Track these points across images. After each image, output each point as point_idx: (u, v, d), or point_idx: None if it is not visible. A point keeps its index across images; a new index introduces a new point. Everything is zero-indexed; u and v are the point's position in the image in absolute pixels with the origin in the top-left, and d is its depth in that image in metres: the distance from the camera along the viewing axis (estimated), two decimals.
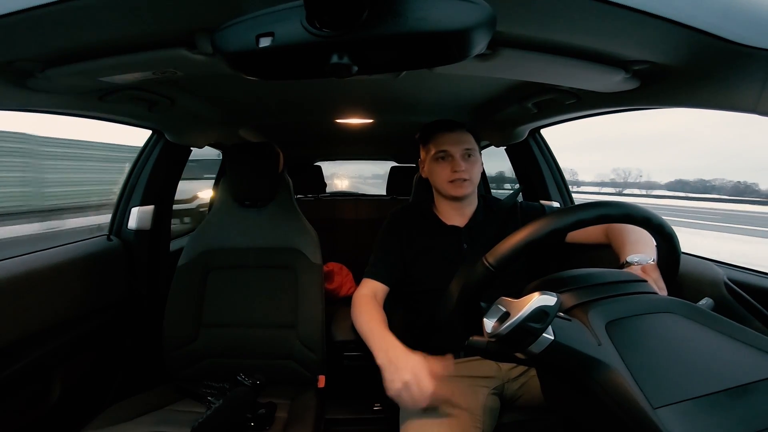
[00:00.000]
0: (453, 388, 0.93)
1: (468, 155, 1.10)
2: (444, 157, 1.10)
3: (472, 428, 0.84)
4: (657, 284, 0.71)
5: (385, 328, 0.93)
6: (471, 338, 0.60)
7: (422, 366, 0.78)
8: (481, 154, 1.17)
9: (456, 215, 1.15)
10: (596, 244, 1.03)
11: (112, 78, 0.78)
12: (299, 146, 2.53)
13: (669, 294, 0.68)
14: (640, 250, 0.82)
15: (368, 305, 1.02)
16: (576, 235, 1.07)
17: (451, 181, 1.08)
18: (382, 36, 0.41)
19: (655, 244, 0.87)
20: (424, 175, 1.20)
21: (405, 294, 1.15)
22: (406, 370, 0.77)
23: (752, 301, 0.84)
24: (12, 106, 0.86)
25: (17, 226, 5.71)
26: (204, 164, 3.83)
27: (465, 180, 1.08)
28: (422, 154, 1.19)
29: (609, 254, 0.94)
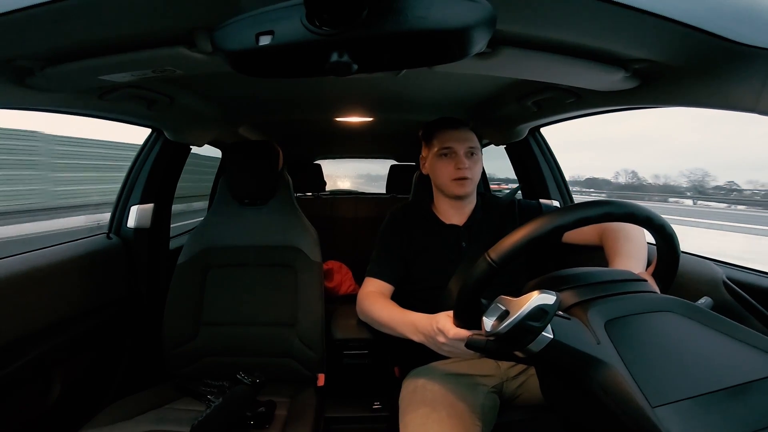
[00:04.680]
0: (452, 387, 0.94)
1: (471, 154, 1.10)
2: (448, 154, 1.10)
3: (471, 426, 0.84)
4: None
5: (403, 309, 0.94)
6: (470, 337, 0.60)
7: (444, 323, 0.76)
8: (481, 153, 1.17)
9: (455, 214, 1.15)
10: (595, 245, 1.03)
11: (112, 76, 0.78)
12: (299, 144, 2.52)
13: (668, 293, 0.68)
14: (631, 265, 0.82)
15: (378, 297, 1.03)
16: (571, 236, 1.07)
17: (454, 179, 1.09)
18: (382, 34, 0.41)
19: (645, 257, 0.87)
20: (425, 172, 1.20)
21: (405, 293, 1.15)
22: (438, 334, 0.77)
23: (751, 300, 0.84)
24: (11, 104, 0.86)
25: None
26: None
27: (467, 178, 1.08)
28: (424, 150, 1.19)
29: None
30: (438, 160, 1.11)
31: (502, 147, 1.69)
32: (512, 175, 1.79)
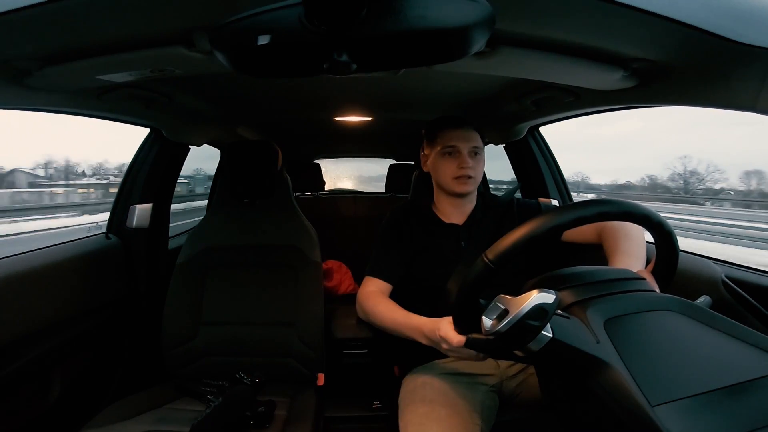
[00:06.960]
0: (452, 386, 0.94)
1: (475, 153, 1.10)
2: (451, 152, 1.10)
3: (470, 425, 0.85)
4: None
5: (407, 312, 0.94)
6: (470, 336, 0.60)
7: (446, 331, 0.75)
8: (484, 152, 1.17)
9: (455, 213, 1.15)
10: (594, 244, 1.03)
11: (110, 76, 0.78)
12: (298, 144, 2.52)
13: (667, 292, 0.68)
14: (631, 263, 0.81)
15: (380, 298, 1.04)
16: (570, 234, 1.07)
17: (456, 177, 1.08)
18: (381, 34, 0.41)
19: (645, 254, 0.87)
20: (426, 170, 1.19)
21: (405, 291, 1.15)
22: (441, 341, 0.76)
23: (750, 299, 0.84)
24: (10, 104, 0.86)
25: None
26: None
27: (470, 177, 1.08)
28: (426, 149, 1.18)
29: None
30: (441, 158, 1.11)
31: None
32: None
